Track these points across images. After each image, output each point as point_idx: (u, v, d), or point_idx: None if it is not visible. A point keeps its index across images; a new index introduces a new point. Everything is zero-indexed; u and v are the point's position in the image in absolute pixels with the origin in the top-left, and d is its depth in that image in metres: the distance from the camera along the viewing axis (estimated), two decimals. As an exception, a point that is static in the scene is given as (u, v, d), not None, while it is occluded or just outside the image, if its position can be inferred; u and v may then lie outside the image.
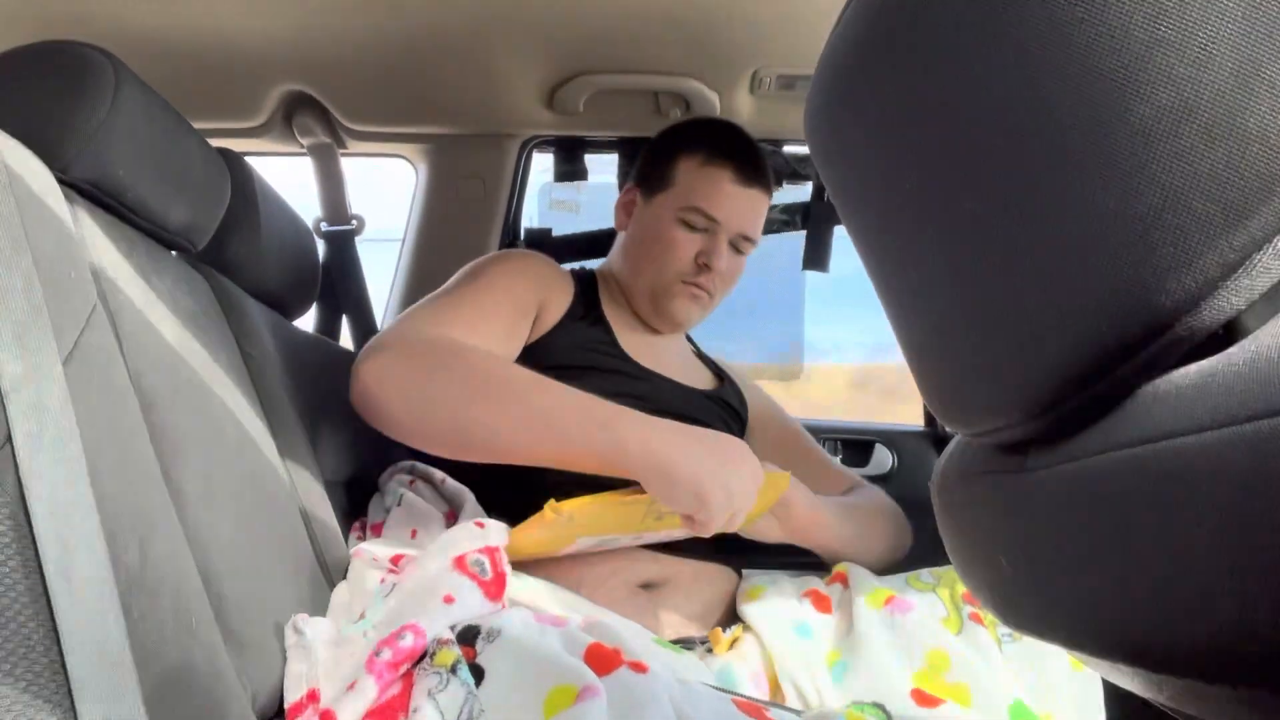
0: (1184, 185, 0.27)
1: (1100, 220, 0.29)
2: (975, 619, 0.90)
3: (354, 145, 1.56)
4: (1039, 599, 0.36)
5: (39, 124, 0.65)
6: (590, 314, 1.16)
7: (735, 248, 1.16)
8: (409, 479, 1.04)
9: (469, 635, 0.73)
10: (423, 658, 0.71)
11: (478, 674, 0.68)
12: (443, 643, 0.71)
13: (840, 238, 1.54)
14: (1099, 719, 0.82)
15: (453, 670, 0.68)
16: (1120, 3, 0.28)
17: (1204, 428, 0.26)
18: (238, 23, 1.19)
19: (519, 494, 0.90)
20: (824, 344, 2.21)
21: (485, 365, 0.89)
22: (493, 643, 0.71)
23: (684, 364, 1.24)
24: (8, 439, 0.45)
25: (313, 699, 0.68)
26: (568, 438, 0.84)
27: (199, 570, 0.62)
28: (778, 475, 0.97)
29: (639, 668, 0.68)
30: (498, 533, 0.86)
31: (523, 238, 1.63)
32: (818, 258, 1.55)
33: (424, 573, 0.79)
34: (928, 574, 0.98)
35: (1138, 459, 0.28)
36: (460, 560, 0.80)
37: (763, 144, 1.43)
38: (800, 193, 1.58)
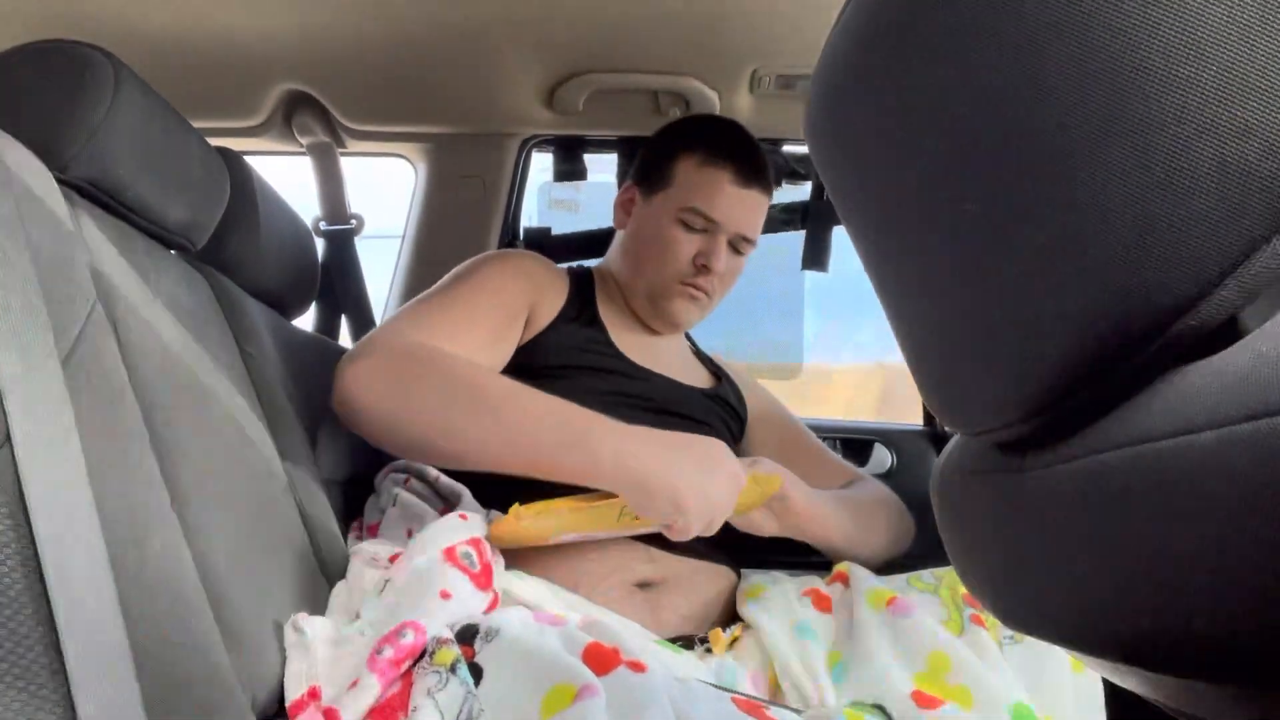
0: (1183, 184, 0.27)
1: (1099, 219, 0.29)
2: (977, 621, 0.90)
3: (353, 144, 1.56)
4: (1038, 598, 0.36)
5: (38, 123, 0.65)
6: (585, 313, 1.15)
7: (734, 248, 1.16)
8: (404, 478, 1.03)
9: (468, 634, 0.73)
10: (422, 656, 0.71)
11: (476, 673, 0.69)
12: (442, 642, 0.71)
13: (841, 237, 1.53)
14: None
15: (452, 669, 0.68)
16: (1119, 2, 0.28)
17: (1203, 427, 0.26)
18: (237, 22, 1.19)
19: (515, 492, 0.90)
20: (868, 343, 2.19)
21: (461, 374, 0.89)
22: (491, 642, 0.71)
23: (681, 362, 1.24)
24: (7, 438, 0.45)
25: (314, 697, 0.69)
26: (540, 450, 0.84)
27: (197, 570, 0.62)
28: (767, 476, 0.96)
29: (637, 667, 0.68)
30: (481, 524, 0.87)
31: (522, 237, 1.63)
32: (817, 257, 1.55)
33: (415, 566, 0.79)
34: (929, 575, 0.98)
35: (1137, 458, 0.28)
36: (450, 552, 0.81)
37: (762, 143, 1.43)
38: (800, 192, 1.58)
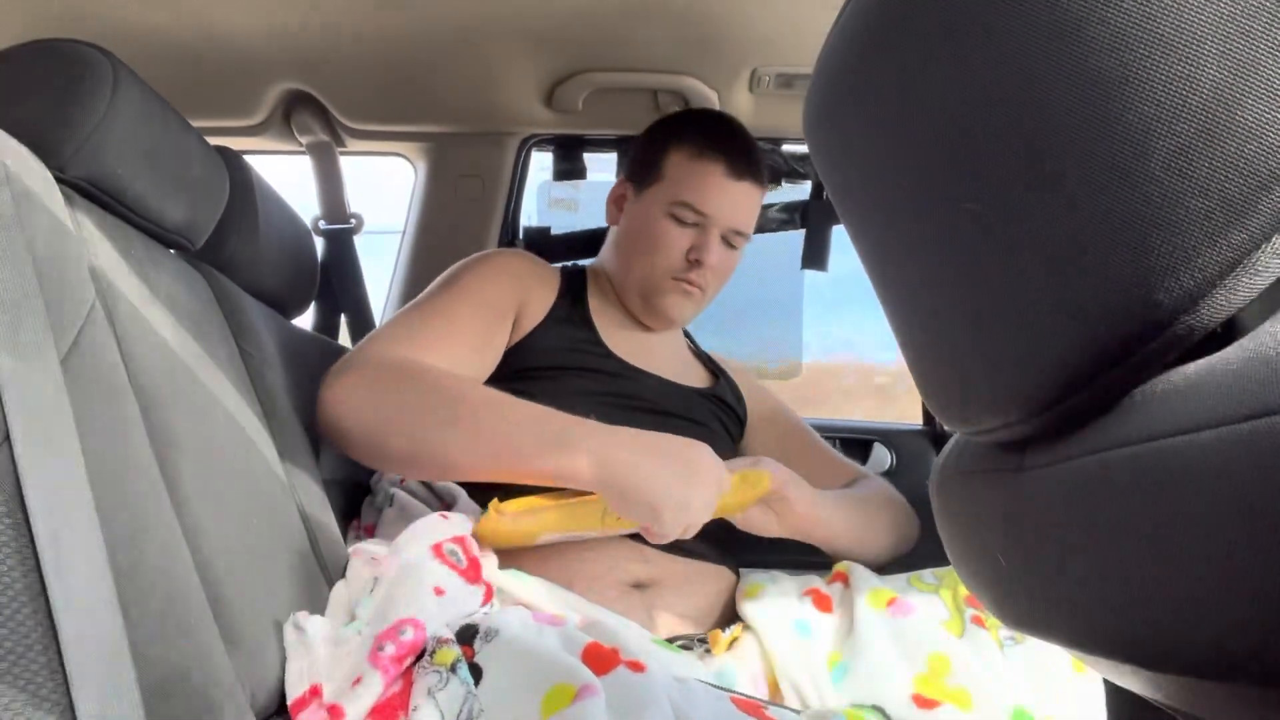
0: (1181, 183, 0.27)
1: (1098, 219, 0.29)
2: (978, 622, 0.89)
3: (353, 144, 1.56)
4: (1037, 597, 0.36)
5: (37, 122, 0.65)
6: (575, 312, 1.14)
7: (727, 242, 1.14)
8: (399, 477, 1.03)
9: (467, 634, 0.73)
10: (422, 655, 0.71)
11: (476, 673, 0.69)
12: (442, 641, 0.71)
13: (839, 236, 1.53)
14: None
15: (452, 669, 0.68)
16: (1117, 2, 0.28)
17: (1202, 427, 0.26)
18: (237, 21, 1.19)
19: (510, 491, 0.91)
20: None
21: (438, 386, 0.90)
22: (491, 642, 0.71)
23: (677, 361, 1.22)
24: (6, 437, 0.45)
25: (315, 694, 0.69)
26: (520, 456, 0.85)
27: (196, 569, 0.62)
28: (756, 475, 0.96)
29: (637, 667, 0.68)
30: (462, 522, 0.87)
31: (521, 236, 1.63)
32: (817, 256, 1.55)
33: (404, 562, 0.79)
34: (930, 575, 0.97)
35: (1136, 458, 0.28)
36: (437, 548, 0.81)
37: (762, 142, 1.43)
38: (799, 191, 1.58)
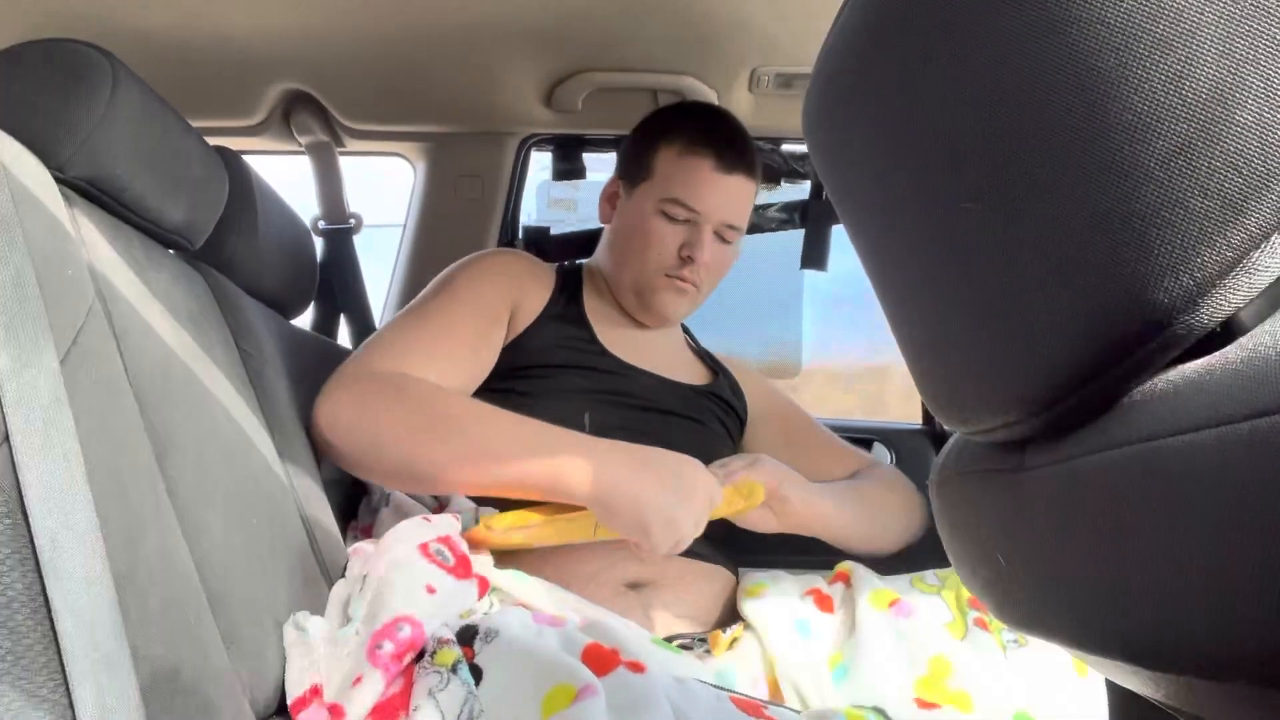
0: (1180, 183, 0.27)
1: (1098, 218, 0.29)
2: (980, 624, 0.89)
3: (352, 144, 1.56)
4: (1037, 597, 0.36)
5: (36, 122, 0.65)
6: (570, 310, 1.14)
7: (721, 237, 1.13)
8: None
9: (467, 635, 0.73)
10: (422, 655, 0.71)
11: (476, 674, 0.69)
12: (443, 642, 0.71)
13: (839, 236, 1.53)
14: None
15: (453, 670, 0.68)
16: (1116, 1, 0.28)
17: (1202, 426, 0.26)
18: (236, 21, 1.19)
19: (504, 503, 0.91)
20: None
21: (426, 402, 0.90)
22: (491, 643, 0.71)
23: (673, 359, 1.22)
24: (5, 437, 0.45)
25: (316, 694, 0.69)
26: (509, 472, 0.86)
27: (196, 569, 0.62)
28: (750, 485, 0.96)
29: (637, 668, 0.68)
30: (448, 523, 0.88)
31: (521, 236, 1.63)
32: (816, 256, 1.55)
33: (392, 558, 0.80)
34: (932, 576, 0.97)
35: (1136, 457, 0.28)
36: (424, 548, 0.82)
37: (761, 142, 1.42)
38: (799, 191, 1.58)
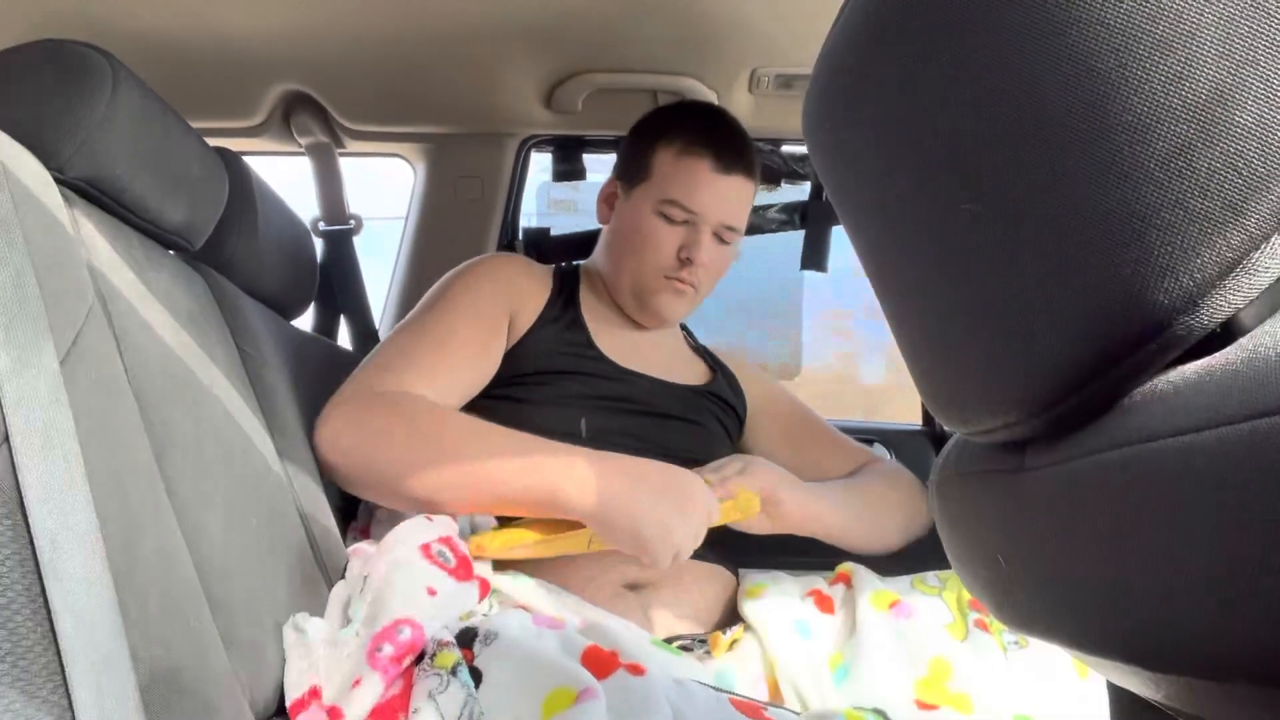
0: (1181, 183, 0.27)
1: (1098, 219, 0.29)
2: (981, 625, 0.89)
3: (352, 145, 1.56)
4: (1037, 598, 0.36)
5: (36, 123, 0.65)
6: (567, 314, 1.13)
7: (719, 237, 1.12)
8: None
9: (467, 637, 0.73)
10: (422, 657, 0.71)
11: (476, 676, 0.69)
12: (443, 644, 0.71)
13: (839, 237, 1.53)
14: None
15: (453, 672, 0.68)
16: (1116, 2, 0.28)
17: (1202, 427, 0.26)
18: (236, 22, 1.19)
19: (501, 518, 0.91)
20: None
21: (424, 422, 0.90)
22: (490, 645, 0.71)
23: (671, 359, 1.21)
24: (5, 438, 0.45)
25: (315, 696, 0.69)
26: (506, 489, 0.87)
27: (195, 569, 0.62)
28: (747, 496, 0.95)
29: (636, 670, 0.68)
30: (448, 523, 0.88)
31: (521, 237, 1.63)
32: (816, 257, 1.55)
33: (394, 559, 0.80)
34: (933, 577, 0.97)
35: (1136, 458, 0.28)
36: (425, 549, 0.82)
37: (761, 143, 1.42)
38: (799, 192, 1.58)
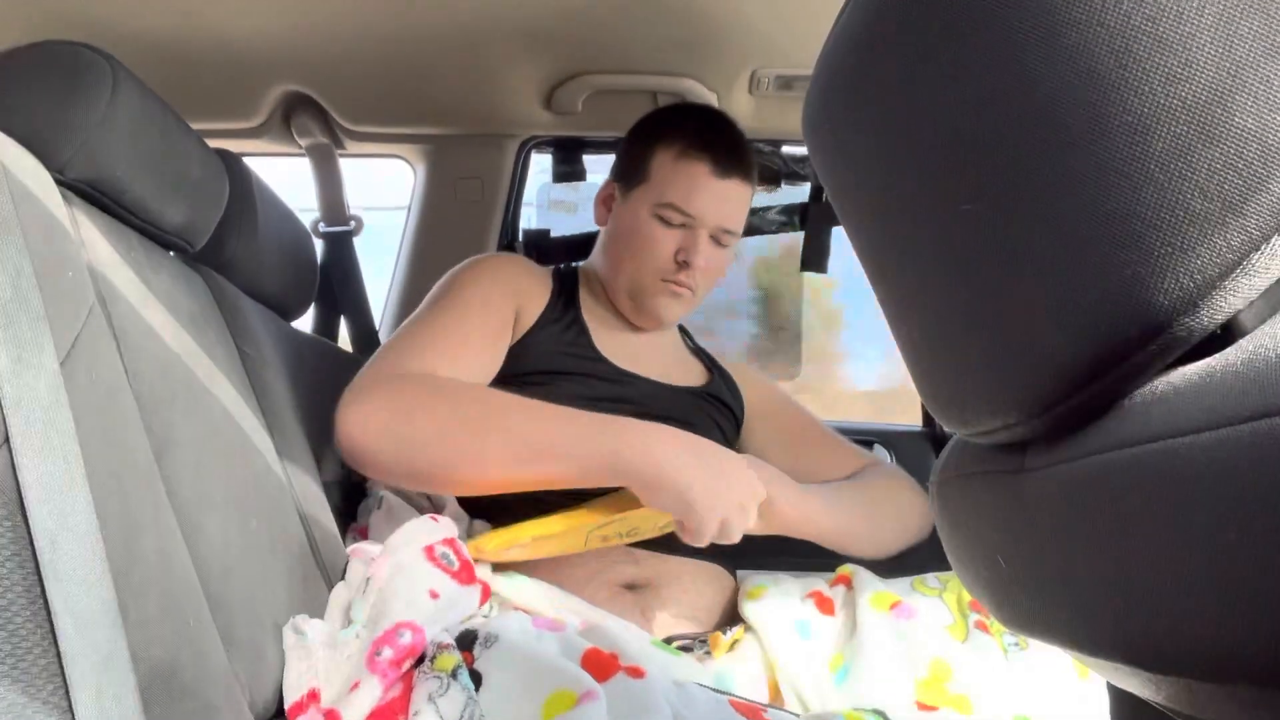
0: (1180, 184, 0.27)
1: (1097, 219, 0.29)
2: (981, 627, 0.89)
3: (352, 146, 1.56)
4: (1037, 599, 0.36)
5: (36, 124, 0.65)
6: (567, 315, 1.14)
7: (717, 241, 1.12)
8: None
9: (467, 640, 0.73)
10: (421, 660, 0.71)
11: (476, 679, 0.69)
12: (443, 647, 0.71)
13: (840, 238, 1.53)
14: None
15: (453, 675, 0.68)
16: (1115, 3, 0.28)
17: (1202, 428, 0.26)
18: (236, 23, 1.19)
19: (497, 500, 0.91)
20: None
21: (462, 396, 0.90)
22: (490, 648, 0.71)
23: (669, 361, 1.21)
24: (5, 439, 0.45)
25: (314, 699, 0.69)
26: (553, 454, 0.85)
27: (195, 570, 0.62)
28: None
29: (636, 673, 0.68)
30: (452, 525, 0.88)
31: (521, 238, 1.63)
32: (816, 259, 1.55)
33: (397, 562, 0.80)
34: (934, 579, 0.97)
35: (1136, 459, 0.28)
36: (429, 551, 0.81)
37: (761, 144, 1.42)
38: (799, 193, 1.58)
